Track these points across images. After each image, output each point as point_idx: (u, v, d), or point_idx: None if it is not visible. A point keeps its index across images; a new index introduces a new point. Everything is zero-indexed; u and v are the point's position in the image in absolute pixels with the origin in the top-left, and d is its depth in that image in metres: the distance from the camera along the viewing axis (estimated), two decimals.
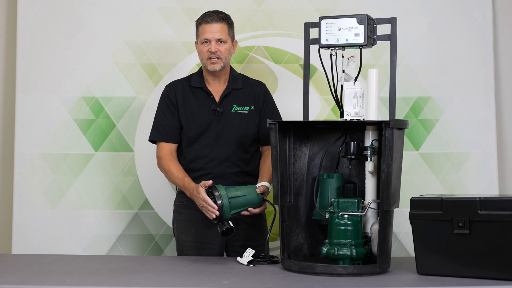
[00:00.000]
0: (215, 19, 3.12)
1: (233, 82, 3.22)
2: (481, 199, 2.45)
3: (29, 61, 3.79)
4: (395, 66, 2.70)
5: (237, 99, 3.20)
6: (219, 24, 3.12)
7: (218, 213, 2.85)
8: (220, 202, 2.84)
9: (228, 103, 3.19)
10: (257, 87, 3.28)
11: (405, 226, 3.56)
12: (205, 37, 3.12)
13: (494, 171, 3.81)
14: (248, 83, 3.28)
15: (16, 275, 2.56)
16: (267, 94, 3.30)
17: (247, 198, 2.91)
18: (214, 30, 3.11)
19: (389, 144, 2.55)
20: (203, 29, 3.13)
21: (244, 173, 3.18)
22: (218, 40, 3.12)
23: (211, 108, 3.17)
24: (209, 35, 3.11)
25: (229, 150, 3.16)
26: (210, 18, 3.12)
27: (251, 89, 3.25)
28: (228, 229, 2.84)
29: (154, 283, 2.45)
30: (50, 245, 3.73)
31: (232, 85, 3.21)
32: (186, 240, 3.19)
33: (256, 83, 3.30)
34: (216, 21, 3.12)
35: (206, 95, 3.19)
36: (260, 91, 3.27)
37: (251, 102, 3.22)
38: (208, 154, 3.16)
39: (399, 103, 3.77)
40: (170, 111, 3.19)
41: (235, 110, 3.19)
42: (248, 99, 3.23)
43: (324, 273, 2.54)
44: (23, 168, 3.76)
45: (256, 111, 3.22)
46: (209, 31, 3.12)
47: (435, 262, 2.52)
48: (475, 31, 3.86)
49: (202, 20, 3.14)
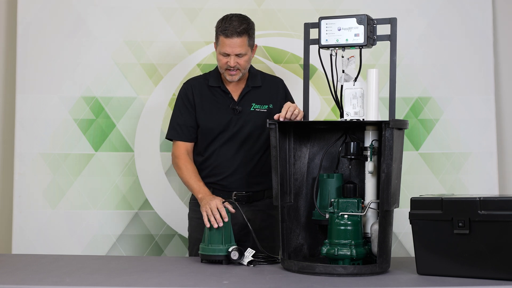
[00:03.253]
0: (235, 34, 3.03)
1: (252, 80, 3.21)
2: (481, 199, 2.45)
3: (29, 61, 3.79)
4: (395, 66, 2.70)
5: (256, 98, 3.19)
6: (239, 39, 3.04)
7: (221, 224, 2.85)
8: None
9: (247, 101, 3.18)
10: (276, 84, 3.27)
11: (405, 226, 3.56)
12: (225, 51, 3.05)
13: (494, 171, 3.81)
14: (267, 80, 3.26)
15: (16, 275, 2.56)
16: (287, 91, 3.30)
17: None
18: (234, 45, 3.04)
19: (389, 144, 2.55)
20: (223, 42, 3.05)
21: (258, 172, 3.17)
22: (237, 54, 3.06)
23: (230, 107, 3.16)
24: (228, 49, 3.04)
25: (248, 149, 3.16)
26: (230, 33, 3.03)
27: (270, 87, 3.24)
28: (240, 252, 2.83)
29: (154, 283, 2.45)
30: (50, 245, 3.73)
31: (251, 83, 3.20)
32: (198, 238, 3.18)
33: (274, 80, 3.30)
34: (237, 36, 3.03)
35: (223, 94, 3.17)
36: (279, 89, 3.26)
37: (270, 101, 3.21)
38: (226, 152, 3.15)
39: (399, 103, 3.77)
40: (187, 109, 3.17)
41: (254, 108, 3.18)
42: (267, 97, 3.21)
43: (324, 273, 2.54)
44: (23, 168, 3.76)
45: (276, 109, 3.19)
46: (229, 45, 3.04)
47: (435, 262, 2.52)
48: (475, 31, 3.86)
49: (222, 32, 3.05)
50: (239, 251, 2.76)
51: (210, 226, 2.83)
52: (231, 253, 2.77)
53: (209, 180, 3.16)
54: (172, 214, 3.77)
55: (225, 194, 3.13)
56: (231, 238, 2.84)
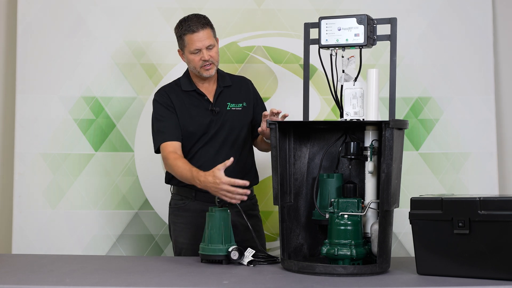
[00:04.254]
0: (200, 26, 3.07)
1: (222, 80, 3.22)
2: (481, 199, 2.45)
3: (29, 61, 3.79)
4: (395, 66, 2.70)
5: (230, 97, 3.21)
6: (205, 31, 3.08)
7: (249, 192, 2.80)
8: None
9: (222, 101, 3.19)
10: (246, 83, 3.29)
11: (405, 226, 3.56)
12: (195, 47, 3.07)
13: (494, 171, 3.81)
14: (235, 79, 3.28)
15: (16, 275, 2.56)
16: (256, 91, 3.32)
17: None
18: (202, 38, 3.07)
19: (389, 144, 2.55)
20: (190, 39, 3.08)
21: (241, 170, 3.17)
22: (207, 47, 3.09)
23: (208, 109, 3.16)
24: (198, 44, 3.07)
25: (228, 148, 3.16)
26: (195, 27, 3.07)
27: (241, 86, 3.26)
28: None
29: (154, 283, 2.45)
30: (50, 245, 3.73)
31: (222, 83, 3.21)
32: (183, 242, 3.19)
33: (243, 79, 3.32)
34: (202, 28, 3.07)
35: (199, 96, 3.18)
36: (249, 87, 3.28)
37: (243, 99, 3.23)
38: (206, 153, 3.15)
39: (399, 103, 3.77)
40: (168, 111, 3.14)
41: (230, 107, 3.19)
42: (240, 96, 3.23)
43: (324, 273, 2.54)
44: (23, 168, 3.76)
45: (249, 107, 3.23)
46: (198, 40, 3.07)
47: (435, 262, 2.52)
48: (475, 31, 3.86)
49: (187, 30, 3.08)
50: (239, 251, 2.76)
51: (211, 226, 2.82)
52: (231, 253, 2.77)
53: None
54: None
55: (208, 195, 2.98)
56: (231, 238, 2.84)
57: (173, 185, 3.26)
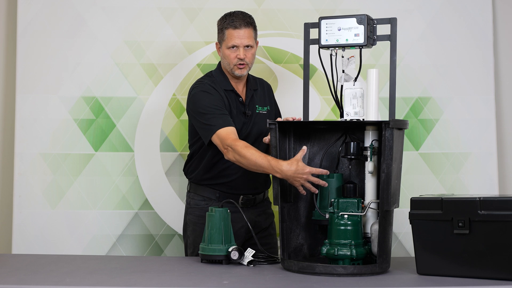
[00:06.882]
0: (243, 24, 3.03)
1: (251, 83, 3.21)
2: (481, 199, 2.45)
3: (29, 61, 3.79)
4: (395, 66, 2.70)
5: (258, 100, 3.20)
6: (247, 30, 3.04)
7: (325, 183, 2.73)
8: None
9: (252, 104, 3.17)
10: (268, 87, 3.30)
11: (405, 226, 3.57)
12: (234, 43, 3.03)
13: (494, 171, 3.81)
14: (259, 82, 3.27)
15: (16, 275, 2.56)
16: (273, 95, 3.34)
17: None
18: (242, 36, 3.03)
19: (389, 144, 2.55)
20: (231, 34, 3.04)
21: (261, 174, 3.08)
22: (246, 46, 3.05)
23: (242, 111, 3.13)
24: (237, 41, 3.03)
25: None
26: (238, 23, 3.03)
27: (264, 89, 3.26)
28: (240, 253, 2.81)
29: (154, 283, 2.45)
30: (50, 245, 3.73)
31: (252, 86, 3.20)
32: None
33: (265, 83, 3.32)
34: (245, 26, 3.03)
35: (236, 97, 3.13)
36: (271, 91, 3.29)
37: (268, 103, 3.23)
38: None
39: (399, 103, 3.77)
40: (220, 102, 3.00)
41: (259, 111, 3.18)
42: (265, 100, 3.23)
43: (324, 273, 2.54)
44: (23, 168, 3.76)
45: (272, 111, 3.22)
46: (238, 36, 3.03)
47: (435, 262, 2.52)
48: (475, 31, 3.86)
49: (230, 25, 3.04)
50: (239, 251, 2.76)
51: (211, 226, 2.82)
52: (231, 253, 2.77)
53: (217, 181, 3.14)
54: (172, 214, 3.77)
55: (233, 197, 3.07)
56: (231, 238, 2.84)
57: (194, 183, 3.21)
